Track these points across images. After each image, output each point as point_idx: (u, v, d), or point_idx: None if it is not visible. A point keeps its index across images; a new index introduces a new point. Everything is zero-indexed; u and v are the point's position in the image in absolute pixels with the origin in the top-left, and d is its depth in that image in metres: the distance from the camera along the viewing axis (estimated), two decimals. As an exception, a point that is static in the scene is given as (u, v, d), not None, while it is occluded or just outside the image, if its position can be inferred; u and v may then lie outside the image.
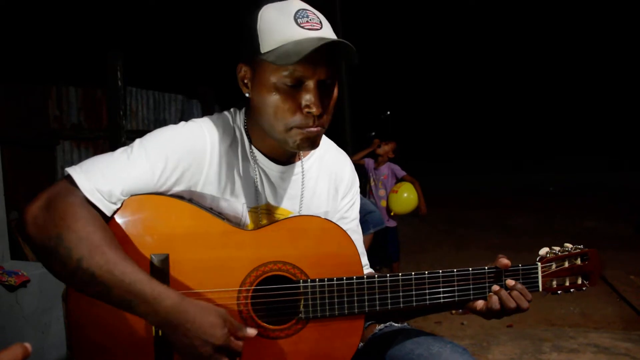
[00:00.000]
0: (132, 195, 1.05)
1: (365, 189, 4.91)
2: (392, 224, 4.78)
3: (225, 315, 0.96)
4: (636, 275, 4.83)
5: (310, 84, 1.05)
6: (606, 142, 24.52)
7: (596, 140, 25.18)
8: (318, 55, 1.01)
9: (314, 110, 1.05)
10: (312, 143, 1.11)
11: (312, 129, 1.08)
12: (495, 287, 1.18)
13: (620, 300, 4.23)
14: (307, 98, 1.05)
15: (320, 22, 1.08)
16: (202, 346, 0.93)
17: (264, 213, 1.21)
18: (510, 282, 1.18)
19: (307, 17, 1.06)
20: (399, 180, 4.78)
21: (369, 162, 4.93)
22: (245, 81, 1.14)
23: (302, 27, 1.04)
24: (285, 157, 1.23)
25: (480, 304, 1.20)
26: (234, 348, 0.95)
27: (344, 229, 1.19)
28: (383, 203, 4.78)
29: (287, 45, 1.02)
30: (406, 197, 4.51)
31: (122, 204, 1.04)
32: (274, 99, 1.06)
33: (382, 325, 1.33)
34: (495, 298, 1.17)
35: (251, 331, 0.98)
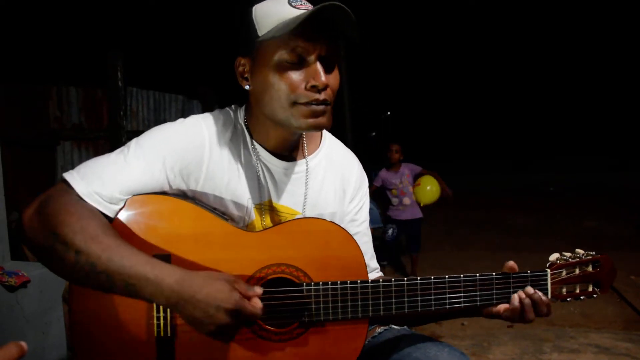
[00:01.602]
0: (133, 196, 1.05)
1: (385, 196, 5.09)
2: (420, 214, 5.10)
3: (232, 279, 0.95)
4: (637, 275, 4.83)
5: (312, 58, 1.05)
6: (607, 142, 24.52)
7: (596, 140, 25.18)
8: (317, 30, 1.03)
9: (317, 82, 1.04)
10: (317, 121, 1.08)
11: (318, 106, 1.07)
12: (516, 304, 1.15)
13: (620, 301, 4.23)
14: (310, 71, 1.05)
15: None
16: (215, 314, 0.92)
17: (267, 209, 1.20)
18: (529, 289, 1.16)
19: (301, 1, 1.08)
20: (418, 175, 5.08)
21: (383, 173, 5.06)
22: (245, 75, 1.13)
23: (298, 8, 1.06)
24: (288, 152, 1.21)
25: (502, 307, 1.18)
26: (249, 308, 0.94)
27: (354, 232, 1.17)
28: (414, 197, 5.02)
29: (285, 21, 1.03)
30: (429, 189, 4.80)
31: (124, 204, 1.04)
32: (276, 78, 1.06)
33: (381, 328, 1.32)
34: (517, 303, 1.15)
35: (258, 290, 0.97)
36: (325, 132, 1.32)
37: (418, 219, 5.06)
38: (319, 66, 1.05)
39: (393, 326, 1.32)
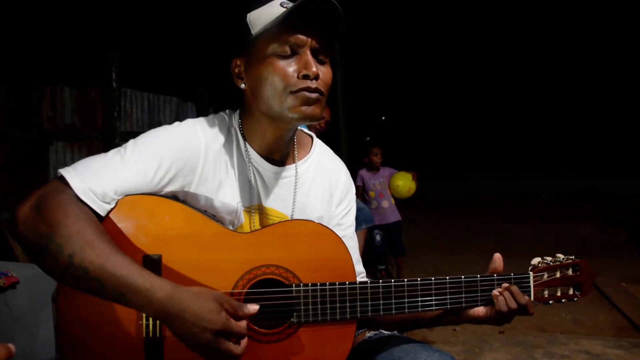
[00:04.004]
0: (125, 196, 1.05)
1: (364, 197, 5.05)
2: (399, 217, 5.05)
3: (222, 298, 0.95)
4: (628, 282, 4.85)
5: (303, 50, 1.09)
6: (600, 147, 24.69)
7: (590, 145, 25.36)
8: (307, 23, 1.07)
9: (309, 72, 1.07)
10: (310, 109, 1.10)
11: (311, 94, 1.09)
12: (496, 292, 1.18)
13: (611, 307, 4.24)
14: (302, 62, 1.08)
15: None
16: (201, 333, 0.92)
17: (257, 213, 1.21)
18: (504, 285, 1.20)
19: (291, 3, 1.12)
20: None
21: (363, 172, 5.05)
22: (241, 74, 1.17)
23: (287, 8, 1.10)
24: (280, 157, 1.23)
25: (482, 310, 1.21)
26: (235, 330, 0.94)
27: (340, 235, 1.19)
28: (392, 201, 5.01)
29: (276, 17, 1.07)
30: (397, 186, 4.77)
31: (115, 204, 1.04)
32: (269, 70, 1.09)
33: (371, 333, 1.33)
34: (501, 299, 1.17)
35: (252, 307, 0.97)
36: (315, 139, 1.35)
37: (398, 222, 5.06)
38: (310, 57, 1.09)
39: (383, 331, 1.32)
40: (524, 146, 26.74)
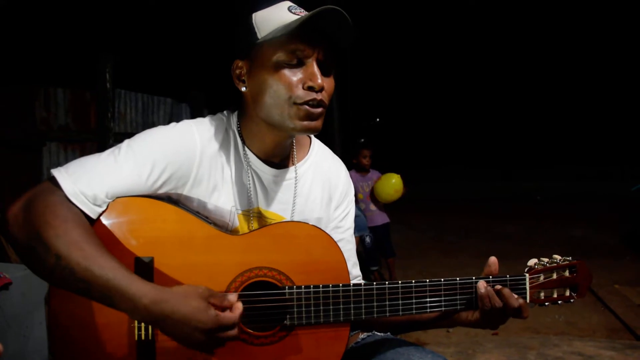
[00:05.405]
0: (117, 198, 1.04)
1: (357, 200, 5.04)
2: (387, 219, 5.01)
3: (207, 294, 0.95)
4: (621, 284, 4.87)
5: (309, 61, 1.08)
6: (595, 150, 24.81)
7: (585, 148, 25.48)
8: (316, 34, 1.05)
9: (315, 84, 1.06)
10: (312, 124, 1.10)
11: (315, 109, 1.08)
12: (482, 290, 1.16)
13: (604, 309, 4.26)
14: (308, 72, 1.07)
15: None
16: (193, 334, 0.92)
17: (255, 217, 1.20)
18: (497, 287, 1.17)
19: (299, 9, 1.11)
20: None
21: (352, 174, 5.04)
22: (242, 77, 1.15)
23: (298, 15, 1.08)
24: (279, 160, 1.22)
25: (476, 313, 1.19)
26: (228, 322, 0.94)
27: (338, 238, 1.18)
28: (377, 196, 4.97)
29: (286, 23, 1.06)
30: (393, 182, 4.72)
31: (107, 207, 1.03)
32: (273, 78, 1.08)
33: (365, 334, 1.32)
34: (485, 297, 1.15)
35: (232, 297, 0.97)
36: (314, 139, 1.33)
37: (387, 224, 5.05)
38: (316, 68, 1.08)
39: (376, 332, 1.32)
40: (520, 148, 26.81)
